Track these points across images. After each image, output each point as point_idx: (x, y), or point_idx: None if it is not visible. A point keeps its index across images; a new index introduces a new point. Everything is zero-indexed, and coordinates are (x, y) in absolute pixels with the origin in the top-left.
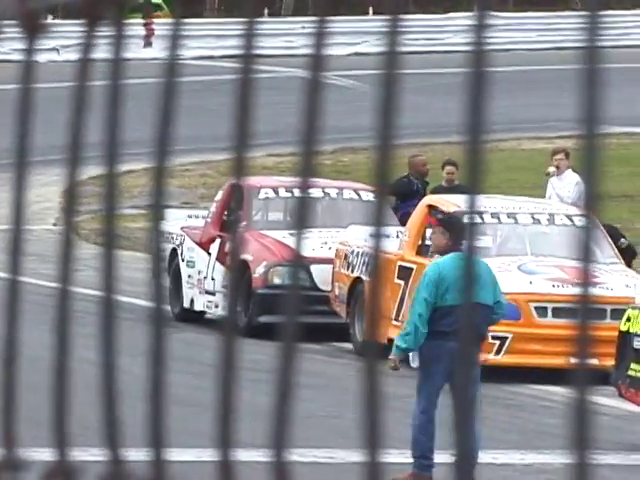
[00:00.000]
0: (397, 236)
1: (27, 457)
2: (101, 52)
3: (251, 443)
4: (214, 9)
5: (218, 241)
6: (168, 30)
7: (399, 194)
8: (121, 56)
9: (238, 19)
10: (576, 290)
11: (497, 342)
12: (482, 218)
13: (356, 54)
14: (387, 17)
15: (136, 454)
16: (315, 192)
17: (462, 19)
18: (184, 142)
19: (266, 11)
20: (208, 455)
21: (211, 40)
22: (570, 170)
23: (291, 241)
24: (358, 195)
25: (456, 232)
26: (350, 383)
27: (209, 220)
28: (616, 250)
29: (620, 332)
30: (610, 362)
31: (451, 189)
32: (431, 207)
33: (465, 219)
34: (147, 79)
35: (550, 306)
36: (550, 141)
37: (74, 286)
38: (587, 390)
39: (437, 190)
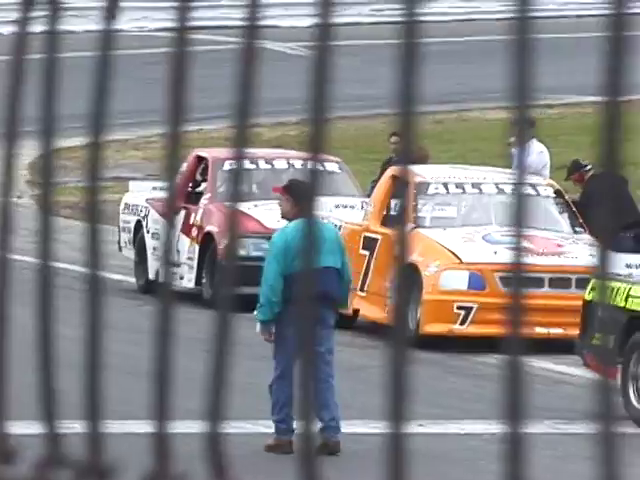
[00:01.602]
0: (362, 207)
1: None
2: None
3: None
4: None
5: (183, 213)
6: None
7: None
8: (57, 31)
9: None
10: (539, 260)
11: (462, 312)
12: (447, 188)
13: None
14: None
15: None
16: (280, 163)
17: None
18: (149, 114)
19: None
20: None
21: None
22: (534, 140)
23: (256, 212)
24: (323, 166)
25: (301, 198)
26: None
27: None
28: (581, 219)
29: (585, 301)
30: (575, 331)
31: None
32: (395, 178)
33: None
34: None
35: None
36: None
37: (37, 258)
38: (519, 358)
39: (388, 162)
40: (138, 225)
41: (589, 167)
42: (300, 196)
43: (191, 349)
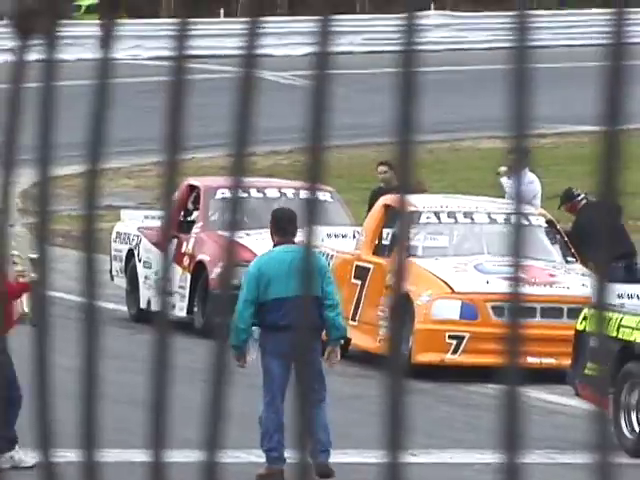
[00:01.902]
0: (354, 236)
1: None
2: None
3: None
4: (170, 9)
5: (174, 242)
6: (126, 31)
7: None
8: (54, 63)
9: (196, 19)
10: (532, 290)
11: (454, 342)
12: (439, 218)
13: (312, 54)
14: (318, 18)
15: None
16: (271, 192)
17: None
18: (142, 142)
19: (222, 11)
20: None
21: (169, 40)
22: (526, 170)
23: (247, 241)
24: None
25: (279, 226)
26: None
27: None
28: (573, 249)
29: (577, 331)
30: (567, 361)
31: (390, 190)
32: (387, 207)
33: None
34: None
35: (507, 305)
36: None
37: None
38: (517, 388)
39: (378, 191)
40: (130, 254)
41: (582, 197)
42: (279, 225)
43: (183, 378)
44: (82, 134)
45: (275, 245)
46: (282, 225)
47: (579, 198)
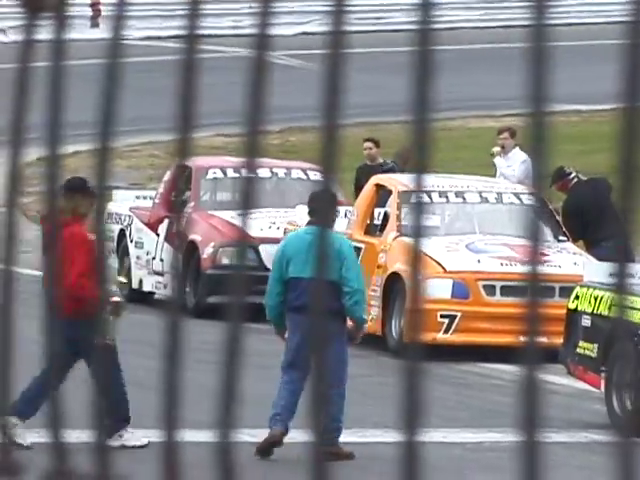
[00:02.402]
0: (345, 215)
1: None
2: (45, 35)
3: (200, 423)
4: None
5: (166, 222)
6: (113, 11)
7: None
8: (63, 41)
9: None
10: (524, 268)
11: (446, 320)
12: (430, 197)
13: (304, 33)
14: None
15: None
16: (263, 172)
17: None
18: (132, 123)
19: None
20: (157, 436)
21: (158, 20)
22: (517, 149)
23: (239, 221)
24: (306, 175)
25: (308, 207)
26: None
27: (157, 201)
28: (564, 228)
29: (568, 310)
30: (559, 340)
31: (374, 166)
32: (379, 186)
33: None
34: (94, 60)
35: (498, 284)
36: (498, 119)
37: (21, 267)
38: (537, 368)
39: (362, 168)
40: (121, 234)
41: (573, 175)
42: (308, 205)
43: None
44: (81, 114)
45: (306, 225)
46: (310, 205)
47: (570, 177)
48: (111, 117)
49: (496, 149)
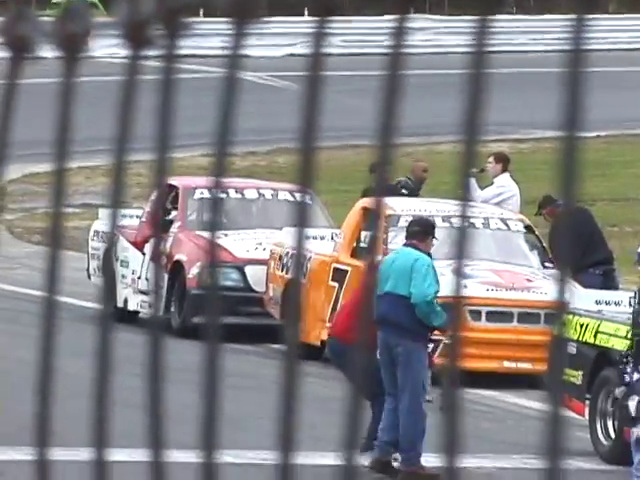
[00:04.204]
0: (332, 238)
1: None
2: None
3: (185, 444)
4: None
5: (152, 241)
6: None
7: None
8: (74, 58)
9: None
10: (512, 295)
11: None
12: None
13: (291, 55)
14: (317, 19)
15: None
16: (250, 193)
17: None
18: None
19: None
20: (140, 455)
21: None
22: (505, 175)
23: (225, 242)
24: (293, 196)
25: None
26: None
27: (143, 220)
28: (550, 254)
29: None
30: (544, 366)
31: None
32: (366, 210)
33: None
34: (86, 77)
35: (484, 310)
36: (485, 144)
37: (8, 284)
38: (559, 400)
39: (368, 190)
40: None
41: (561, 202)
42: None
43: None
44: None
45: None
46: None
47: (558, 203)
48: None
49: (473, 170)
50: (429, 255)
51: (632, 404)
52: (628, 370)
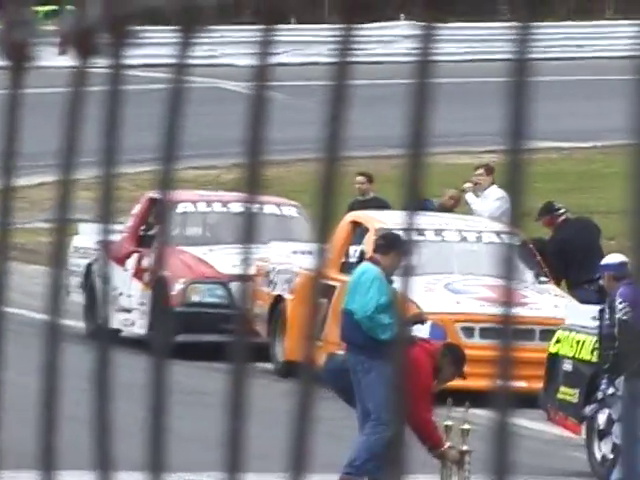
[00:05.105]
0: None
1: None
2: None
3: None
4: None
5: (135, 256)
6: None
7: None
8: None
9: (161, 27)
10: (499, 310)
11: None
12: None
13: (278, 64)
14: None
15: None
16: (235, 207)
17: (391, 29)
18: (98, 153)
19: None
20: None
21: (133, 49)
22: (494, 186)
23: (210, 257)
24: (280, 210)
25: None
26: (271, 404)
27: (125, 235)
28: (546, 269)
29: (549, 354)
30: (539, 385)
31: (366, 201)
32: (355, 223)
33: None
34: (62, 88)
35: (477, 327)
36: (476, 156)
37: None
38: (509, 413)
39: (354, 203)
40: (89, 268)
41: (562, 211)
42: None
43: (140, 397)
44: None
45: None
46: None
47: (559, 212)
48: (74, 148)
49: (467, 185)
50: (390, 271)
51: (602, 417)
52: (602, 387)
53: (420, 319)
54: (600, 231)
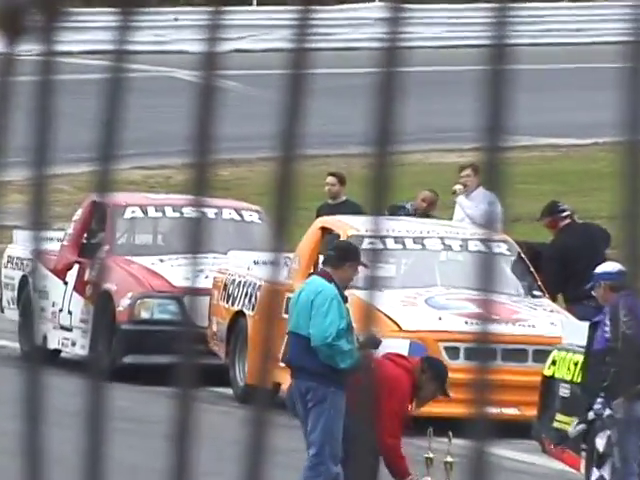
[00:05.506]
0: (285, 264)
1: None
2: None
3: None
4: None
5: (76, 268)
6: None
7: None
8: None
9: (100, 9)
10: (486, 327)
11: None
12: (384, 243)
13: (237, 51)
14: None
15: None
16: (189, 212)
17: (363, 11)
18: (29, 151)
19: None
20: None
21: (68, 34)
22: (480, 188)
23: (162, 269)
24: (240, 215)
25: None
26: (231, 434)
27: (65, 243)
28: (540, 282)
29: (544, 377)
30: (532, 412)
31: (337, 205)
32: (325, 230)
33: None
34: None
35: (462, 346)
36: (462, 154)
37: None
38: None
39: (323, 207)
40: (24, 281)
41: (567, 213)
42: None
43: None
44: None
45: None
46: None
47: (563, 214)
48: (2, 145)
49: (458, 187)
50: (344, 286)
51: (600, 441)
52: (597, 406)
53: (374, 342)
54: (609, 240)
